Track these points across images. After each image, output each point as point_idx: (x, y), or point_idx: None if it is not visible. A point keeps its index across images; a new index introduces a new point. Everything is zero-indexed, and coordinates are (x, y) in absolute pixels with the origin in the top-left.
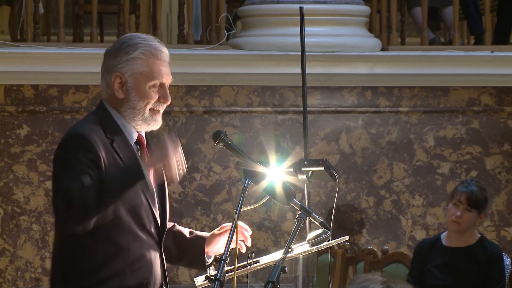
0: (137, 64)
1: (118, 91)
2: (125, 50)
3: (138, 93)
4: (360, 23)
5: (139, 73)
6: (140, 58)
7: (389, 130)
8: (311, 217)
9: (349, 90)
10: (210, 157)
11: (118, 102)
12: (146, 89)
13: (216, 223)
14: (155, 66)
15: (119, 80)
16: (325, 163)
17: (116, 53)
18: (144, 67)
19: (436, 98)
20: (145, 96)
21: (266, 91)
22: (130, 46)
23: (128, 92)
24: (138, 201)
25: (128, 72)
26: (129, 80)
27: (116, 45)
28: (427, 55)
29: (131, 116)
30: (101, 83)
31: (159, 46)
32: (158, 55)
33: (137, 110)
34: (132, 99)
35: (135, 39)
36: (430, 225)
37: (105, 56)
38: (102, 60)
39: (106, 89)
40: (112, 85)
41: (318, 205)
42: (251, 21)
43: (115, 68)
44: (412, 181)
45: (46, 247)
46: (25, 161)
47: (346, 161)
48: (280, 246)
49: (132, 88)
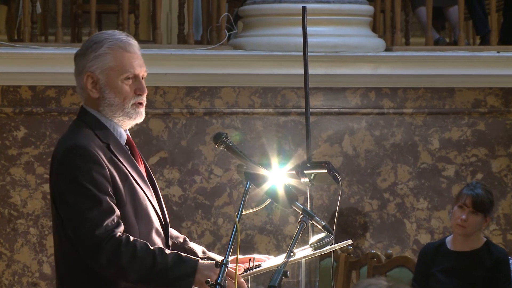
0: (105, 59)
1: (92, 91)
2: (92, 48)
3: (112, 89)
4: (364, 23)
5: (109, 68)
6: (108, 53)
7: (393, 132)
8: (313, 221)
9: (352, 91)
10: (210, 160)
11: (95, 103)
12: (119, 84)
13: (216, 226)
14: (125, 58)
15: (91, 80)
16: (328, 165)
17: (84, 53)
18: (113, 62)
19: (441, 100)
20: (120, 91)
21: (268, 92)
22: (97, 43)
23: (102, 90)
24: (144, 201)
25: (98, 70)
26: (101, 77)
27: (84, 45)
28: (432, 55)
29: (111, 114)
30: (77, 88)
31: (126, 38)
32: (126, 47)
33: (115, 106)
34: (107, 96)
35: (101, 36)
36: (435, 228)
37: (75, 60)
38: None
39: (81, 93)
40: (85, 86)
41: (320, 208)
42: (252, 20)
43: (85, 68)
44: (417, 184)
45: (43, 251)
46: (22, 163)
47: (349, 164)
48: (282, 250)
49: (105, 85)
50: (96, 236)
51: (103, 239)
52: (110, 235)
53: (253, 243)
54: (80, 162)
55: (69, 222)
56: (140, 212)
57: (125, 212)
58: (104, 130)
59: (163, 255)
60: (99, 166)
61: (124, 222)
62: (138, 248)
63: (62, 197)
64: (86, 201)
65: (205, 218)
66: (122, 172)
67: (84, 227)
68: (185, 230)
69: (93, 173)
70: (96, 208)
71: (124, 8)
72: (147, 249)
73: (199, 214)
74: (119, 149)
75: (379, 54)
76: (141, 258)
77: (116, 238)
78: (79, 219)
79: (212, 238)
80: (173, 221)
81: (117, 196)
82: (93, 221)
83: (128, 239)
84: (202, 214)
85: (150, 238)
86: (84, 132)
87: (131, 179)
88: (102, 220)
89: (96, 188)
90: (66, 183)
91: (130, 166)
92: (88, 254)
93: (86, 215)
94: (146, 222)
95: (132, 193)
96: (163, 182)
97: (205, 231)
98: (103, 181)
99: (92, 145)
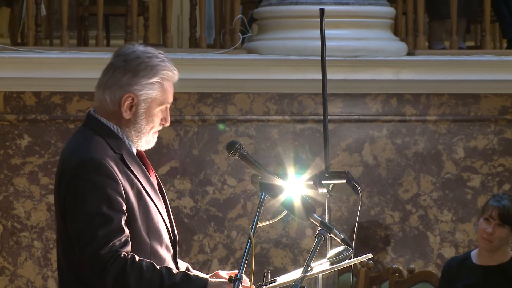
0: (154, 89)
1: (126, 111)
2: (145, 71)
3: (147, 118)
4: (385, 26)
5: (154, 99)
6: (159, 83)
7: (415, 140)
8: (332, 234)
9: (372, 97)
10: (224, 169)
11: (121, 121)
12: (155, 114)
13: (230, 240)
14: (169, 90)
15: (130, 101)
16: (347, 175)
17: (135, 73)
18: (159, 93)
19: (466, 106)
20: (153, 120)
21: (284, 98)
22: (150, 68)
23: (138, 115)
24: (156, 216)
25: (143, 96)
26: (142, 104)
27: (133, 62)
28: (456, 60)
29: (134, 138)
30: (101, 93)
31: (174, 68)
32: (174, 78)
33: (143, 134)
34: (139, 122)
35: (154, 60)
36: (460, 242)
37: (118, 69)
38: (109, 69)
39: (109, 103)
40: (121, 103)
41: (339, 221)
42: (268, 23)
43: (131, 88)
44: (441, 195)
45: (48, 265)
46: (26, 173)
47: (370, 174)
48: (299, 265)
49: (143, 112)
50: (101, 257)
51: (108, 260)
52: (115, 255)
53: (269, 257)
54: (95, 177)
55: (77, 239)
56: (151, 228)
57: (136, 228)
58: (117, 140)
59: (171, 275)
60: (113, 182)
61: (136, 238)
62: (145, 268)
63: (73, 212)
64: (97, 218)
65: (218, 231)
66: (135, 186)
67: (91, 246)
68: (197, 244)
69: (108, 190)
70: (106, 227)
71: (132, 10)
72: (153, 269)
73: (211, 227)
74: (132, 160)
75: (401, 58)
76: (148, 279)
77: (121, 258)
78: (88, 237)
79: (225, 252)
80: (184, 234)
81: (130, 212)
82: (101, 241)
83: (133, 259)
84: (214, 226)
85: (160, 254)
86: (97, 142)
87: (144, 194)
88: (110, 239)
89: (109, 205)
90: (78, 197)
91: (144, 179)
92: (94, 275)
93: (95, 234)
94: (157, 237)
95: (145, 209)
96: (174, 193)
97: (218, 245)
98: (116, 198)
99: (107, 159)
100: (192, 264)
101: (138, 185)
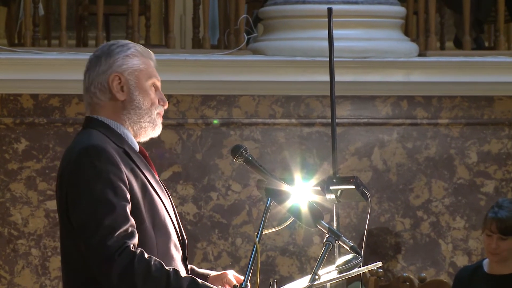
0: (135, 61)
1: (119, 92)
2: (118, 49)
3: (142, 92)
4: (395, 26)
5: (139, 70)
6: (137, 55)
7: (427, 144)
8: (340, 241)
9: (382, 100)
10: (228, 174)
11: (118, 108)
12: (147, 87)
13: (235, 247)
14: (150, 64)
15: (118, 81)
16: (356, 181)
17: (109, 55)
18: (142, 64)
19: (480, 109)
20: (148, 94)
21: (290, 101)
22: (124, 46)
23: (131, 91)
24: (162, 211)
25: (127, 71)
26: (130, 78)
27: (103, 49)
28: (469, 61)
29: (136, 119)
30: (89, 93)
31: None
32: (150, 56)
33: (143, 110)
34: (136, 99)
35: (121, 42)
36: (473, 250)
37: (92, 62)
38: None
39: (99, 96)
40: (111, 87)
41: (348, 228)
42: (273, 23)
43: (112, 69)
44: (453, 201)
45: (46, 274)
46: (23, 178)
47: (380, 179)
48: (306, 273)
49: (135, 86)
50: (108, 246)
51: (115, 250)
52: (123, 247)
53: (275, 266)
54: (98, 163)
55: (81, 230)
56: (158, 222)
57: (142, 221)
58: (117, 135)
59: (178, 278)
60: (117, 168)
61: (141, 232)
62: (153, 266)
63: (76, 200)
64: (101, 206)
65: (222, 238)
66: (139, 178)
67: (96, 236)
68: (201, 251)
69: (111, 176)
70: (111, 215)
71: (134, 10)
72: (162, 269)
73: (215, 234)
74: (136, 155)
75: (412, 59)
76: (155, 278)
77: (130, 250)
78: (93, 227)
79: (230, 260)
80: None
81: (134, 203)
82: (107, 230)
83: (142, 254)
84: (218, 233)
85: (169, 252)
86: (98, 135)
87: (149, 188)
88: (115, 228)
89: (114, 192)
90: (81, 185)
91: (149, 173)
92: (98, 266)
93: (100, 222)
94: (164, 233)
95: (150, 202)
96: (177, 199)
97: (222, 252)
98: (120, 185)
99: (109, 147)
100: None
101: (143, 178)
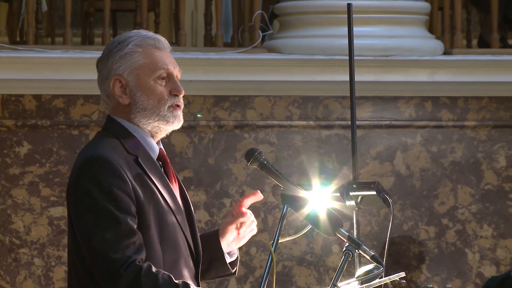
0: (133, 58)
1: (121, 96)
2: (116, 48)
3: (145, 91)
4: (419, 22)
5: (139, 68)
6: (136, 51)
7: (452, 148)
8: (360, 250)
9: (405, 101)
10: (242, 180)
11: (126, 110)
12: (151, 84)
13: (249, 257)
14: (155, 55)
15: (119, 84)
16: (377, 186)
17: (107, 56)
18: (142, 59)
19: (508, 111)
20: (153, 92)
21: (308, 102)
22: (121, 42)
23: (133, 93)
24: (173, 225)
25: (126, 71)
26: (130, 79)
27: (106, 48)
28: (497, 59)
29: (145, 120)
30: (102, 98)
31: (154, 35)
32: (156, 44)
33: (150, 110)
34: (139, 100)
35: (125, 35)
36: (501, 259)
37: (98, 66)
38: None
39: (108, 101)
40: (113, 92)
41: (369, 236)
42: (290, 19)
43: (111, 72)
44: (480, 208)
45: (49, 285)
46: (25, 184)
47: (402, 185)
48: (325, 284)
49: (136, 87)
50: (113, 260)
51: (121, 265)
52: (129, 261)
53: (291, 276)
54: (99, 175)
55: (84, 243)
56: (166, 237)
57: (149, 235)
58: (133, 140)
59: None
60: (121, 181)
61: (147, 246)
62: (161, 279)
63: (78, 213)
64: (104, 220)
65: None
66: (148, 189)
67: (100, 250)
68: None
69: (114, 189)
70: (115, 229)
71: (142, 6)
72: (170, 282)
73: None
74: (149, 163)
75: (437, 58)
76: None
77: (136, 265)
78: (95, 241)
79: (244, 270)
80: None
81: (141, 217)
82: (110, 244)
83: (149, 267)
84: None
85: (177, 268)
86: (109, 142)
87: (159, 198)
88: (120, 242)
89: (116, 205)
90: (82, 197)
91: (160, 184)
92: (105, 281)
93: (103, 236)
94: (173, 249)
95: (158, 215)
96: None
97: None
98: (124, 198)
99: (116, 158)
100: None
101: (153, 188)
